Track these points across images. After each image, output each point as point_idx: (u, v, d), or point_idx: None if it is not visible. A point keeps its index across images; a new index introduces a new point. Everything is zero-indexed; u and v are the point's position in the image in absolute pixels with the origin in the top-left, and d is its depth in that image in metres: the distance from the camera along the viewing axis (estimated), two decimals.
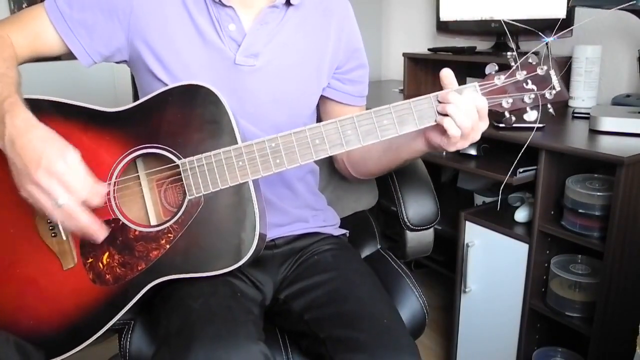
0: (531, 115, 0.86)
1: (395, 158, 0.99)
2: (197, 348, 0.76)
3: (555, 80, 0.85)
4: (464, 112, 0.81)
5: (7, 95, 0.80)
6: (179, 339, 0.79)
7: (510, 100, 0.86)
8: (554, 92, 0.86)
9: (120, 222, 0.87)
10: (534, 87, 0.85)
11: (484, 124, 0.85)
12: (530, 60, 0.85)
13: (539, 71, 0.85)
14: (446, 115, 0.82)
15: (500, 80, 0.85)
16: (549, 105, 0.86)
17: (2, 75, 0.83)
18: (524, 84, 0.85)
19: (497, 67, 0.85)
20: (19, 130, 0.77)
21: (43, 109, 0.85)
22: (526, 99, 0.86)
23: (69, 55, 0.95)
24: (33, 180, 0.76)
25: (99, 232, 0.82)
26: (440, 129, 0.84)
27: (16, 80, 0.85)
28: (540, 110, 0.86)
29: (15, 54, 0.90)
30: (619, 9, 1.27)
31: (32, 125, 0.78)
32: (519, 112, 0.87)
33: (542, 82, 0.85)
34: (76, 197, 0.77)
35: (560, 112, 1.55)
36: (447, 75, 0.84)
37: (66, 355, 0.88)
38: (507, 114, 0.87)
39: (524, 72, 0.85)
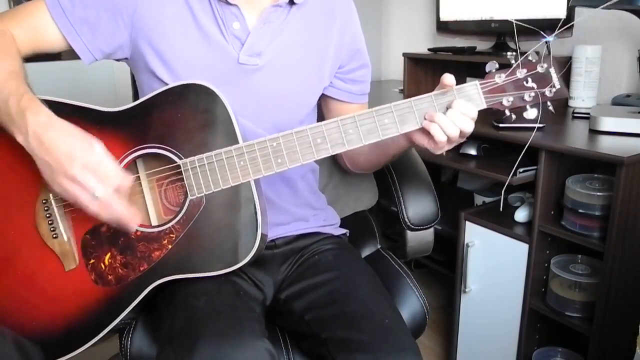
0: (531, 114, 0.87)
1: (383, 154, 1.03)
2: (202, 346, 0.76)
3: (555, 78, 0.86)
4: (449, 126, 0.83)
5: (24, 91, 0.81)
6: (183, 338, 0.79)
7: (511, 99, 0.86)
8: (554, 90, 0.86)
9: None
10: (534, 85, 0.86)
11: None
12: (530, 58, 0.85)
13: (539, 69, 0.85)
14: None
15: (500, 78, 0.85)
16: (548, 103, 0.87)
17: (13, 73, 0.83)
18: (524, 82, 0.85)
19: (497, 65, 0.86)
20: (44, 126, 0.78)
21: None
22: (526, 97, 0.86)
23: (70, 55, 0.94)
24: (68, 174, 0.76)
25: (133, 219, 0.82)
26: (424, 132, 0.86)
27: (26, 77, 0.85)
28: (540, 108, 0.86)
29: (19, 49, 0.89)
30: (619, 9, 1.28)
31: (55, 120, 0.79)
32: (519, 110, 0.87)
33: (542, 80, 0.86)
34: (110, 187, 0.78)
35: (560, 112, 1.55)
36: (447, 82, 0.84)
37: (68, 356, 0.88)
38: (507, 112, 0.87)
39: (524, 70, 0.85)
